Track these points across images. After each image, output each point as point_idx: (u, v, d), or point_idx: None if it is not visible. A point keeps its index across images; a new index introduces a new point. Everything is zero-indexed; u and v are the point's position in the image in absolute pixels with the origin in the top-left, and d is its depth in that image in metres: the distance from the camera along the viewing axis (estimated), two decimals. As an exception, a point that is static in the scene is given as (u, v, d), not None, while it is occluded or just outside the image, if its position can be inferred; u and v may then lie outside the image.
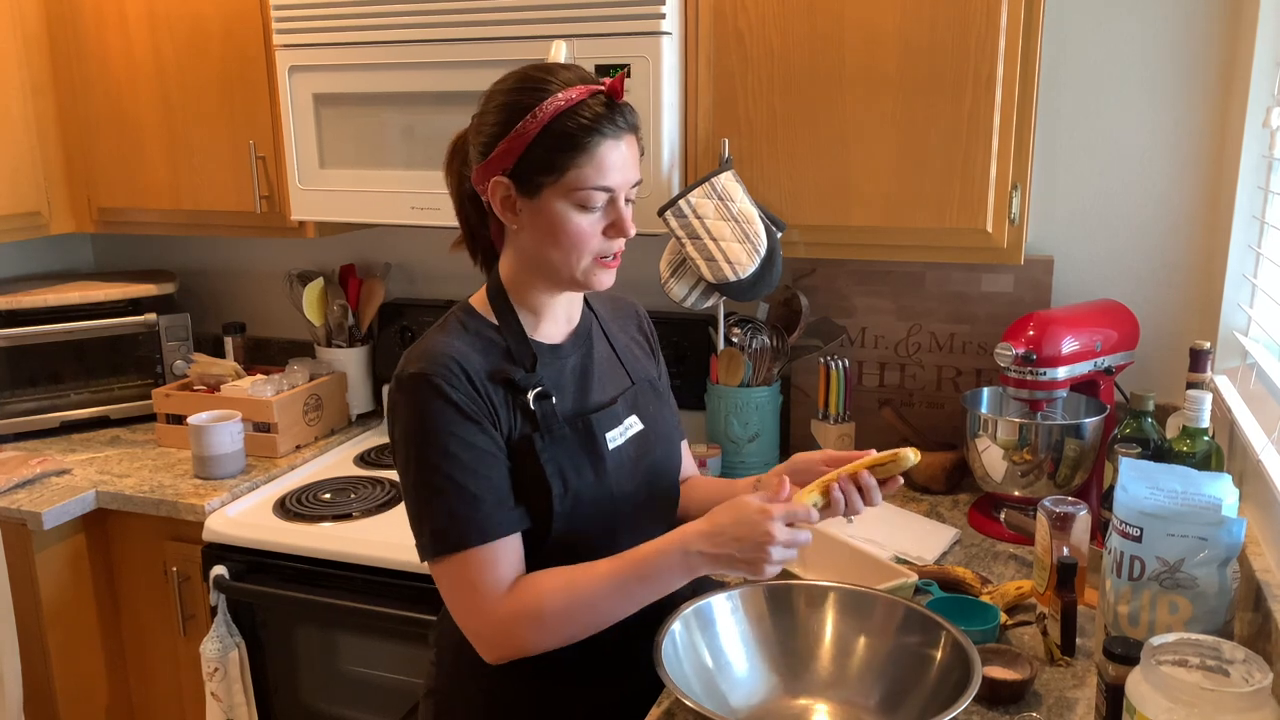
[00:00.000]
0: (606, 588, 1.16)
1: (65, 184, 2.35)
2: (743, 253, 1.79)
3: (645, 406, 1.36)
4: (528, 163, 1.16)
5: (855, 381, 2.12)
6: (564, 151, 1.14)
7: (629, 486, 1.29)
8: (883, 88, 1.72)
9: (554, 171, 1.15)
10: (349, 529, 1.90)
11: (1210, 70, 1.86)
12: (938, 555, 1.71)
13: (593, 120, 1.14)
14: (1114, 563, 1.25)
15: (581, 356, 1.32)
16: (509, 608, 1.16)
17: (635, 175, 1.21)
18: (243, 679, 1.93)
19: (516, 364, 1.24)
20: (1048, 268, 1.98)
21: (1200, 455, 1.50)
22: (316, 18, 1.93)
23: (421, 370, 1.18)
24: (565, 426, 1.24)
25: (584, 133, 1.14)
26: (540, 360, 1.26)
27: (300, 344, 2.61)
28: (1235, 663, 1.06)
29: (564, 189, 1.16)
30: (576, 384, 1.30)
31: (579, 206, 1.17)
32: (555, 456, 1.22)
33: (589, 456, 1.24)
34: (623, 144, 1.17)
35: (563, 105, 1.14)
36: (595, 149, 1.15)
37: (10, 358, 2.32)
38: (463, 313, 1.28)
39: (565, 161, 1.15)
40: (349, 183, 2.01)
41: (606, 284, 1.24)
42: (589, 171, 1.15)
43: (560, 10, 1.77)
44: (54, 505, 1.97)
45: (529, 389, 1.23)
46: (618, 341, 1.39)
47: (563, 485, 1.21)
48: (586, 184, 1.15)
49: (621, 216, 1.19)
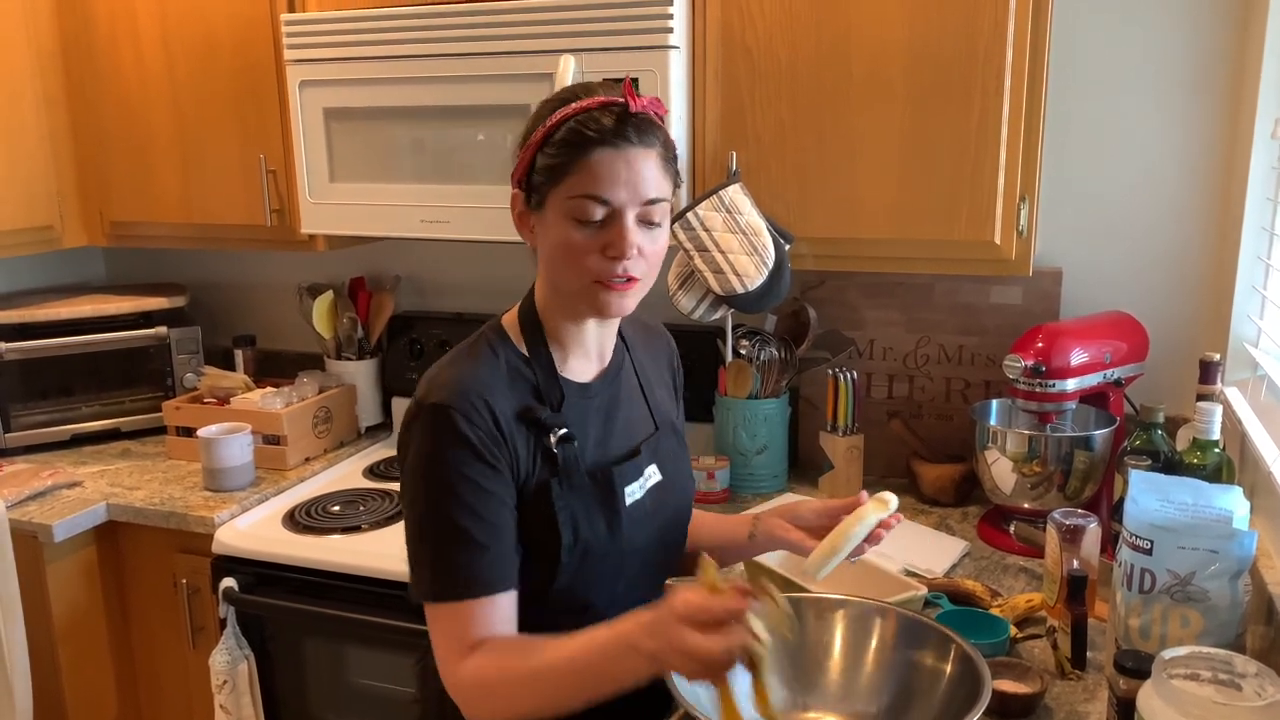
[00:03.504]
0: (555, 672, 1.07)
1: (78, 198, 2.37)
2: (751, 265, 1.79)
3: (666, 454, 1.30)
4: (534, 172, 1.13)
5: (864, 393, 2.11)
6: (561, 157, 1.10)
7: (640, 541, 1.24)
8: (890, 100, 1.73)
9: (552, 179, 1.11)
10: (358, 541, 1.91)
11: (1219, 81, 1.86)
12: (947, 568, 1.70)
13: (594, 129, 1.10)
14: (1125, 575, 1.24)
15: (609, 398, 1.25)
16: (469, 670, 1.10)
17: (652, 192, 1.12)
18: (251, 691, 1.93)
19: (544, 401, 1.18)
20: (1056, 279, 1.98)
21: (1211, 467, 1.50)
22: (327, 33, 1.95)
23: (445, 402, 1.12)
24: (585, 476, 1.19)
25: (581, 139, 1.10)
26: (567, 399, 1.20)
27: (310, 356, 2.62)
28: (1248, 676, 1.05)
29: (561, 199, 1.11)
30: (601, 427, 1.23)
31: (574, 219, 1.11)
32: (569, 505, 1.17)
33: (604, 510, 1.20)
34: (628, 156, 1.10)
35: (570, 113, 1.11)
36: (590, 156, 1.09)
37: (22, 371, 2.34)
38: (495, 335, 1.21)
39: (562, 168, 1.10)
40: (359, 196, 2.02)
41: (616, 310, 1.15)
42: (583, 179, 1.09)
43: (568, 24, 1.78)
44: (65, 518, 1.97)
45: (553, 430, 1.17)
46: (646, 379, 1.33)
47: (573, 536, 1.17)
48: (579, 192, 1.10)
49: (620, 234, 1.10)
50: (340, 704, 1.95)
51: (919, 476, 2.00)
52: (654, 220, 1.13)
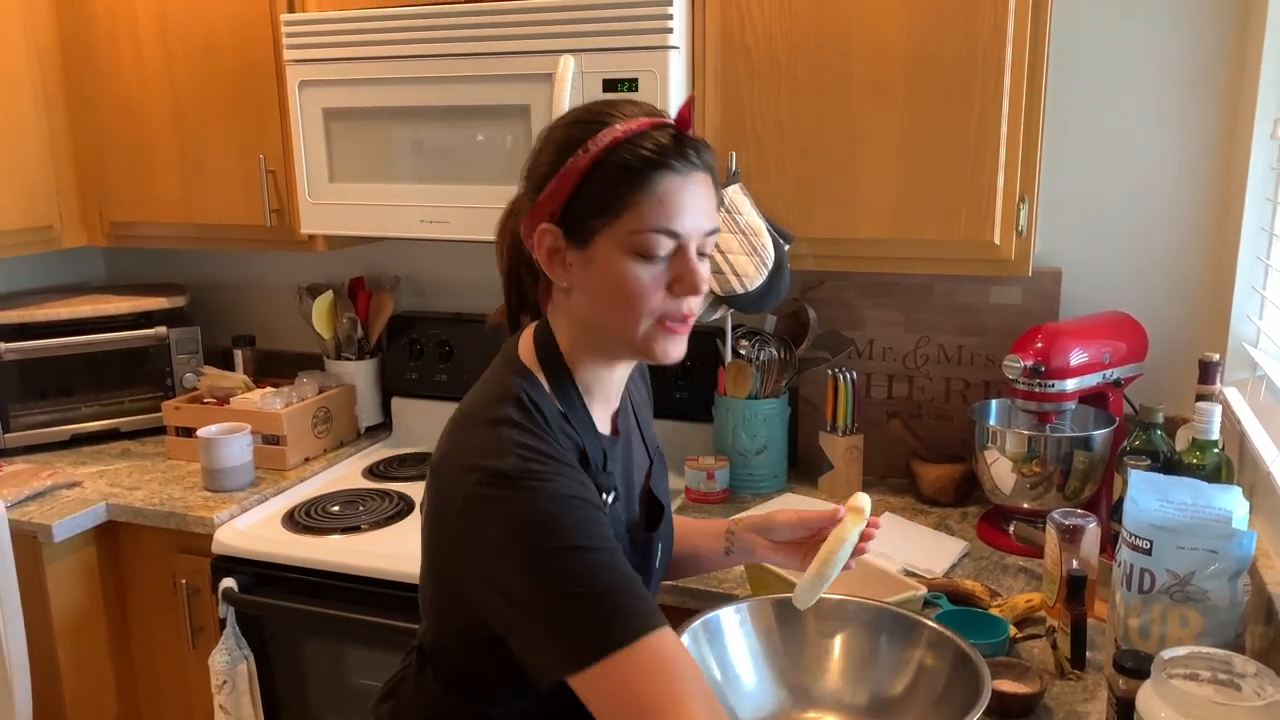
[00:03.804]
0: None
1: (77, 198, 2.37)
2: (750, 265, 1.79)
3: (661, 484, 1.25)
4: (578, 204, 0.99)
5: (863, 393, 2.11)
6: (620, 187, 0.97)
7: (653, 589, 1.21)
8: (890, 100, 1.73)
9: (609, 213, 0.98)
10: (358, 541, 1.91)
11: (1219, 81, 1.86)
12: (947, 568, 1.70)
13: (656, 151, 0.97)
14: (1124, 575, 1.24)
15: (624, 444, 1.15)
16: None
17: (710, 223, 1.02)
18: (251, 691, 1.93)
19: (589, 463, 1.05)
20: (1056, 279, 1.98)
21: (1210, 467, 1.50)
22: (327, 33, 1.95)
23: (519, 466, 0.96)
24: (629, 543, 1.09)
25: (645, 165, 0.97)
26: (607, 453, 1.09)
27: (309, 357, 2.62)
28: (1247, 676, 1.05)
29: (620, 233, 0.98)
30: (624, 480, 1.14)
31: (638, 255, 0.98)
32: None
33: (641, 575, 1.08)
34: (693, 182, 1.00)
35: (620, 136, 0.98)
36: (658, 184, 0.97)
37: (21, 371, 2.34)
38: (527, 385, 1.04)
39: (622, 200, 0.97)
40: (358, 196, 2.02)
41: (675, 355, 1.04)
42: (650, 211, 0.97)
43: (568, 25, 1.78)
44: (64, 518, 1.97)
45: (605, 493, 1.06)
46: (637, 406, 1.25)
47: None
48: (647, 225, 0.97)
49: (691, 268, 1.00)
50: (340, 704, 1.95)
51: (918, 477, 2.00)
52: (706, 252, 1.04)
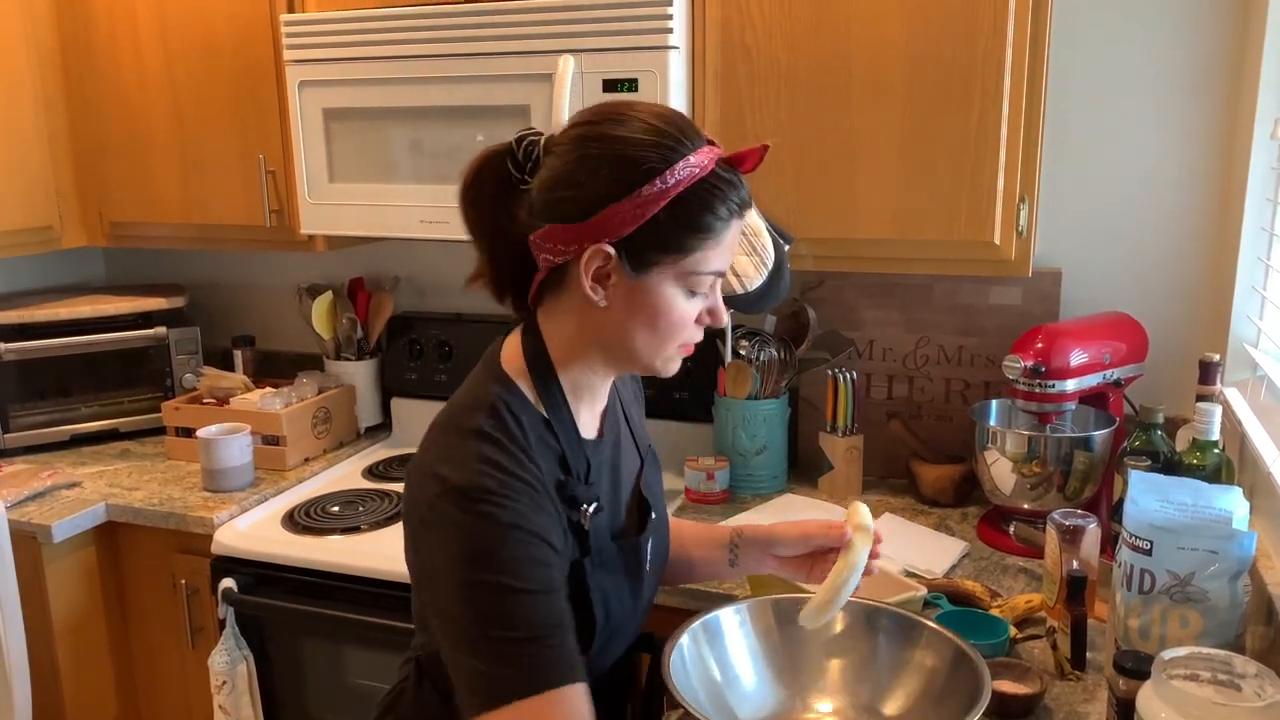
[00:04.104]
0: None
1: (77, 198, 2.37)
2: (750, 266, 1.79)
3: (653, 485, 1.25)
4: (646, 237, 0.98)
5: (863, 394, 2.11)
6: (694, 231, 0.98)
7: (649, 594, 1.21)
8: (890, 101, 1.73)
9: (676, 251, 0.99)
10: (357, 542, 1.91)
11: (1218, 82, 1.86)
12: (947, 568, 1.70)
13: (726, 198, 0.99)
14: (1124, 576, 1.24)
15: (611, 446, 1.17)
16: None
17: None
18: (251, 692, 1.93)
19: (571, 471, 1.06)
20: (1056, 280, 1.98)
21: (1210, 468, 1.50)
22: (326, 33, 1.95)
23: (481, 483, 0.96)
24: (614, 550, 1.11)
25: (720, 213, 0.99)
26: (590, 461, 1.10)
27: (309, 357, 2.62)
28: (1247, 677, 1.05)
29: (679, 271, 1.00)
30: (611, 483, 1.15)
31: (689, 290, 1.02)
32: (602, 584, 1.08)
33: (630, 581, 1.14)
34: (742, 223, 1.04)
35: (696, 174, 0.98)
36: (725, 231, 1.00)
37: (21, 371, 2.34)
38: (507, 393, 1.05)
39: (694, 243, 0.99)
40: (358, 197, 2.02)
41: (674, 370, 1.09)
42: (714, 255, 1.01)
43: (568, 25, 1.78)
44: (64, 518, 1.97)
45: (586, 504, 1.07)
46: (628, 407, 1.27)
47: (605, 615, 1.09)
48: (707, 268, 1.01)
49: (719, 304, 1.06)
50: (339, 704, 1.95)
51: (918, 477, 2.00)
52: None
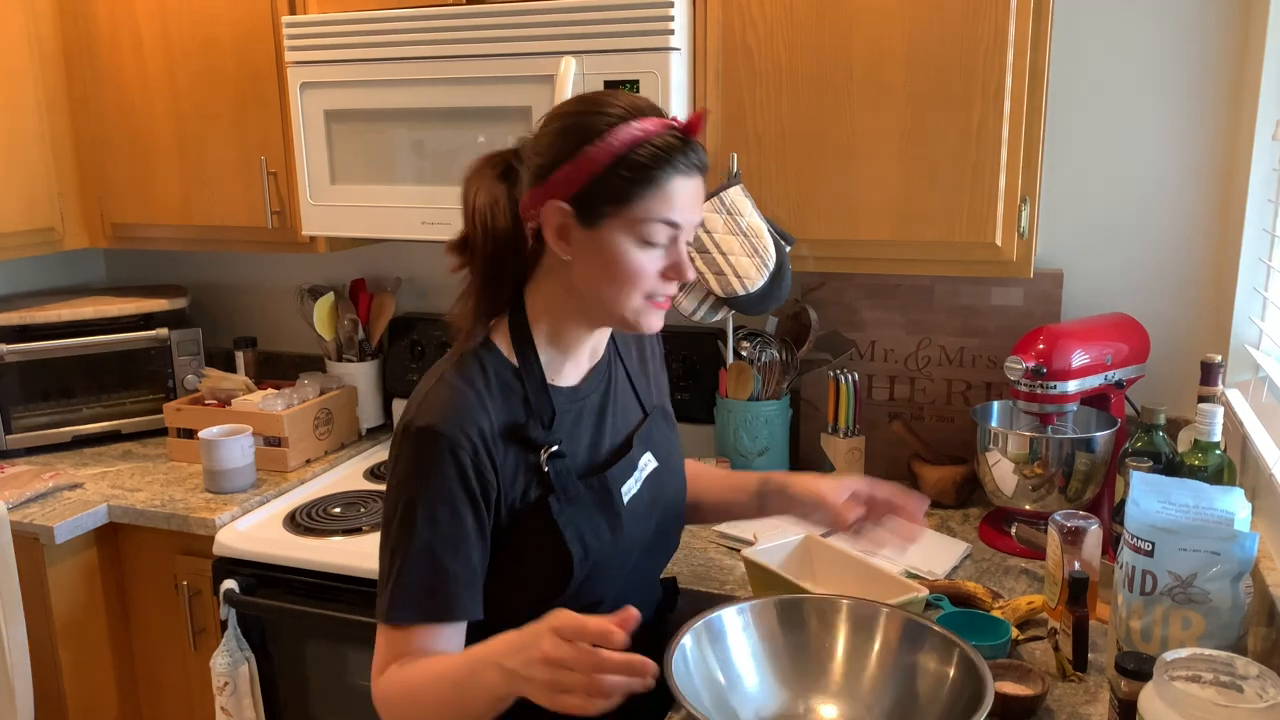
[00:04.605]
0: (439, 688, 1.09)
1: (79, 200, 2.37)
2: (751, 267, 1.79)
3: (659, 439, 1.32)
4: (593, 190, 1.11)
5: (865, 395, 2.11)
6: (636, 181, 1.10)
7: (640, 533, 1.26)
8: (891, 101, 1.73)
9: (620, 201, 1.11)
10: (359, 543, 1.91)
11: (1220, 83, 1.86)
12: (948, 570, 1.70)
13: (666, 151, 1.11)
14: (1126, 577, 1.24)
15: (600, 395, 1.27)
16: (382, 684, 1.13)
17: (700, 215, 1.18)
18: (253, 693, 1.93)
19: (534, 416, 1.18)
20: (1057, 281, 1.98)
21: (1212, 469, 1.50)
22: (328, 35, 1.95)
23: (433, 426, 1.12)
24: (580, 486, 1.19)
25: (657, 163, 1.10)
26: (558, 408, 1.21)
27: (311, 358, 2.62)
28: (1249, 679, 1.05)
29: (628, 221, 1.12)
30: (594, 428, 1.25)
31: (641, 241, 1.12)
32: (573, 519, 1.17)
33: (606, 515, 1.21)
34: (693, 182, 1.14)
35: (638, 135, 1.11)
36: (667, 181, 1.11)
37: (23, 372, 2.34)
38: (483, 349, 1.20)
39: (635, 192, 1.11)
40: (360, 198, 2.02)
41: (656, 326, 1.19)
42: (657, 204, 1.11)
43: (569, 26, 1.78)
44: (66, 519, 1.97)
45: (543, 447, 1.18)
46: (632, 367, 1.36)
47: (583, 550, 1.17)
48: (652, 215, 1.11)
49: (682, 259, 1.15)
50: (341, 706, 1.95)
51: (920, 478, 2.00)
52: (690, 241, 1.18)
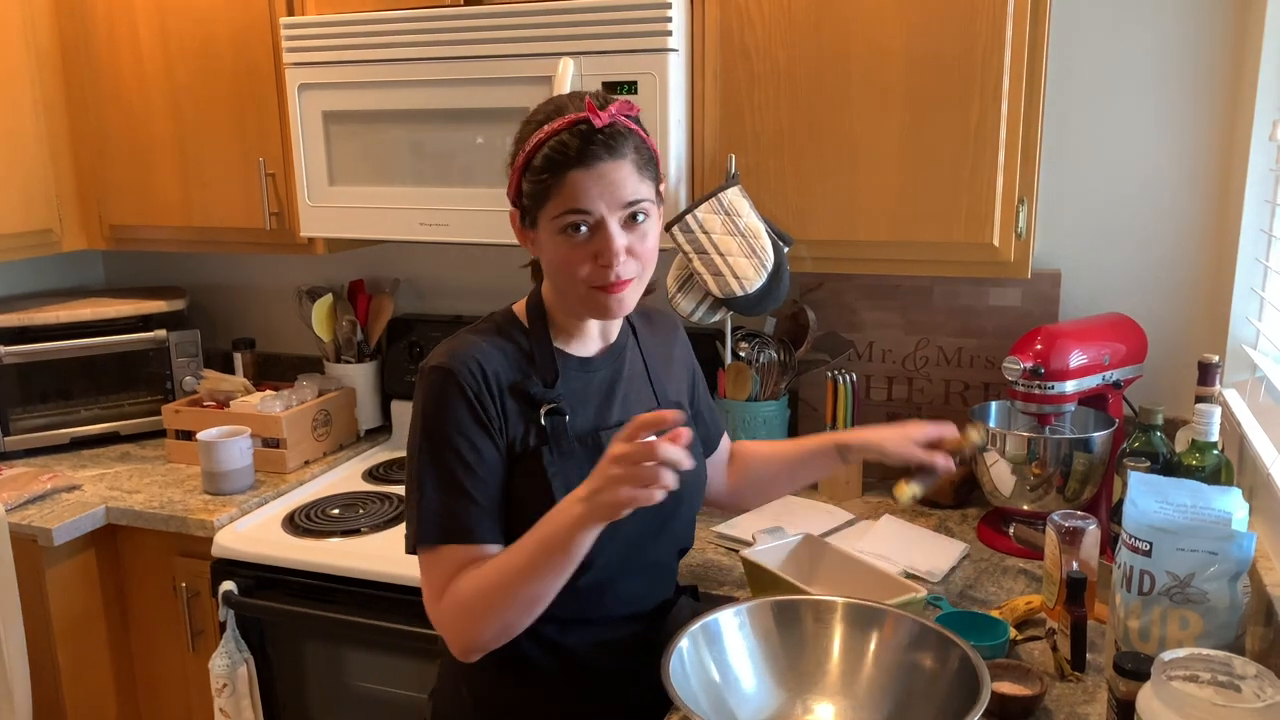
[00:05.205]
0: (512, 561, 1.15)
1: (77, 201, 2.37)
2: (750, 268, 1.79)
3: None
4: (522, 195, 1.22)
5: (863, 395, 2.12)
6: (540, 183, 1.18)
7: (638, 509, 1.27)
8: (889, 102, 1.73)
9: (537, 201, 1.19)
10: (357, 544, 1.91)
11: (1217, 84, 1.86)
12: (947, 570, 1.70)
13: (563, 153, 1.16)
14: (1124, 577, 1.24)
15: (612, 372, 1.33)
16: (447, 600, 1.19)
17: (625, 198, 1.18)
18: (251, 695, 1.93)
19: (538, 375, 1.26)
20: (1055, 281, 1.98)
21: (1210, 469, 1.50)
22: (326, 36, 1.95)
23: (444, 364, 1.21)
24: (574, 442, 1.25)
25: (553, 165, 1.16)
26: (567, 373, 1.28)
27: (309, 359, 2.62)
28: (1247, 678, 1.05)
29: (549, 218, 1.19)
30: (601, 399, 1.31)
31: (563, 234, 1.18)
32: (563, 471, 1.23)
33: None
34: (600, 172, 1.16)
35: (541, 139, 1.18)
36: (565, 179, 1.16)
37: (21, 374, 2.34)
38: (502, 316, 1.31)
39: (543, 192, 1.18)
40: (358, 199, 2.02)
41: (617, 311, 1.23)
42: (563, 200, 1.17)
43: (567, 28, 1.78)
44: (64, 521, 1.97)
45: (543, 403, 1.25)
46: (652, 360, 1.40)
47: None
48: (562, 210, 1.17)
49: (606, 243, 1.18)
50: (340, 707, 1.95)
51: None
52: (638, 220, 1.20)
